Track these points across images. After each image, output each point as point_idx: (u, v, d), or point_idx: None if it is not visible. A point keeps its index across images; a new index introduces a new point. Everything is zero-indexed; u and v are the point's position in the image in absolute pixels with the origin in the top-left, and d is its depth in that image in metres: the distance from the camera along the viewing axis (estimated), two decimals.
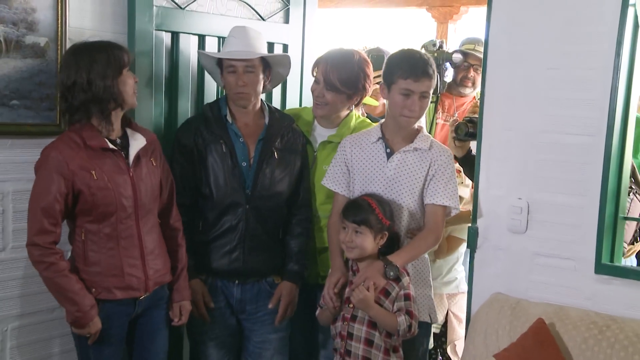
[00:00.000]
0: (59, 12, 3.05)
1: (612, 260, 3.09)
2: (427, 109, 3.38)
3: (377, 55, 3.75)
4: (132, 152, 2.98)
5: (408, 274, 3.10)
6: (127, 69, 2.90)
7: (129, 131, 3.03)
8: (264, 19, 3.89)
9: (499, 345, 3.12)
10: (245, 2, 3.73)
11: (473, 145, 3.64)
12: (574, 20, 3.12)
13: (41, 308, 3.19)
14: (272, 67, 3.46)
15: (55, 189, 2.84)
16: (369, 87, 3.55)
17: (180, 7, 3.54)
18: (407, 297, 3.04)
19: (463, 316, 3.95)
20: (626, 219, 3.13)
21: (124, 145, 2.99)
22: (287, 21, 4.06)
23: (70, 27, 3.09)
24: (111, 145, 2.91)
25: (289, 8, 4.05)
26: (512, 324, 3.15)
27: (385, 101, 3.28)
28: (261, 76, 3.38)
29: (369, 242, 3.04)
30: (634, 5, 2.81)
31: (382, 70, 3.30)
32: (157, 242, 3.12)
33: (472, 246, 3.38)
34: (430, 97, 3.30)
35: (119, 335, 3.05)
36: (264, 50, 3.42)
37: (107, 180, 2.91)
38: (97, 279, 2.92)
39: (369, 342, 3.08)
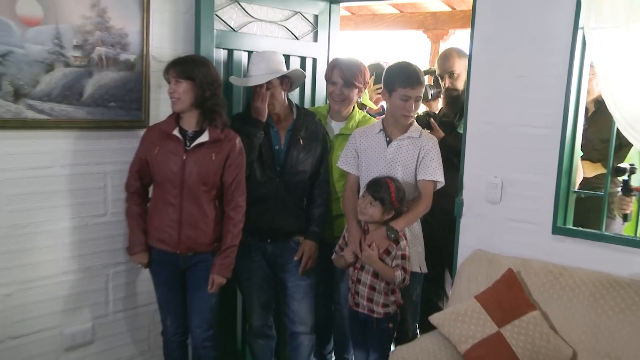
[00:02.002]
0: (144, 36, 3.52)
1: (564, 224, 3.48)
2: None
3: (377, 71, 4.18)
4: (193, 143, 3.38)
5: (405, 238, 3.50)
6: (168, 80, 3.37)
7: (208, 129, 3.40)
8: (298, 39, 4.25)
9: (478, 289, 3.49)
10: (284, 26, 4.13)
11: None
12: (537, 39, 3.46)
13: None
14: (289, 76, 3.79)
15: (138, 155, 3.45)
16: (367, 82, 4.03)
17: (234, 30, 3.92)
18: (403, 257, 3.46)
19: None
20: (575, 192, 3.52)
21: (194, 137, 3.39)
22: (315, 40, 4.44)
23: (153, 47, 3.57)
24: (174, 133, 3.37)
25: (317, 30, 4.39)
26: (489, 273, 3.54)
27: (383, 103, 3.69)
28: (279, 88, 3.74)
29: (377, 213, 3.45)
30: (582, 28, 3.15)
31: (383, 79, 3.71)
32: (199, 217, 3.45)
33: (458, 213, 3.76)
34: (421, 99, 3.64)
35: (168, 279, 3.54)
36: (277, 67, 3.77)
37: (162, 157, 3.38)
38: (150, 228, 3.45)
39: (372, 288, 3.53)
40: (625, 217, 3.63)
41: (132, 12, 3.43)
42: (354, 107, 4.05)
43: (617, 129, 3.21)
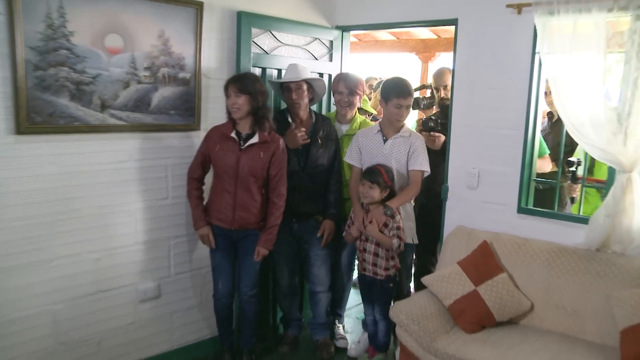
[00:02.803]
0: (197, 58, 3.89)
1: (527, 205, 3.91)
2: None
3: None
4: (246, 143, 3.75)
5: (399, 214, 3.92)
6: (227, 94, 3.69)
7: (258, 133, 3.75)
8: (317, 59, 4.68)
9: (460, 257, 3.91)
10: (306, 49, 4.56)
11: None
12: (504, 60, 3.86)
13: (189, 232, 4.07)
14: (314, 88, 4.18)
15: (201, 150, 3.84)
16: (365, 90, 4.44)
17: (267, 53, 4.32)
18: (398, 228, 3.88)
19: None
20: (535, 180, 3.93)
21: (247, 138, 3.76)
22: (331, 60, 4.82)
23: (203, 67, 3.94)
24: (232, 135, 3.74)
25: (332, 52, 4.77)
26: (468, 244, 3.95)
27: (382, 108, 4.10)
28: (306, 92, 4.13)
29: (377, 194, 3.89)
30: (538, 52, 3.59)
31: (380, 90, 4.11)
32: (249, 201, 3.79)
33: (444, 197, 4.19)
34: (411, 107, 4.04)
35: (224, 249, 3.91)
36: (306, 75, 4.14)
37: (222, 154, 3.75)
38: (210, 209, 3.86)
39: (376, 255, 3.98)
40: (572, 200, 4.02)
41: (188, 41, 3.81)
42: (355, 112, 4.46)
43: (566, 132, 3.57)
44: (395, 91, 3.99)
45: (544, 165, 4.24)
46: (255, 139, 3.76)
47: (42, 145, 3.33)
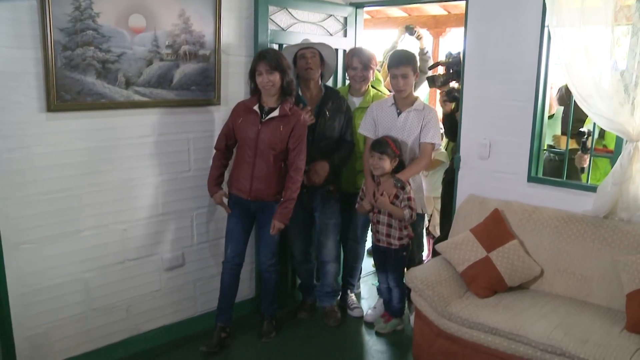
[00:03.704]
0: (217, 36, 3.97)
1: (536, 174, 3.95)
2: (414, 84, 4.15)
3: None
4: (267, 116, 3.82)
5: (409, 185, 3.99)
6: (257, 73, 3.74)
7: (279, 107, 3.80)
8: (332, 35, 4.75)
9: (472, 224, 3.95)
10: (321, 25, 4.62)
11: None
12: (514, 34, 3.87)
13: (211, 203, 4.15)
14: (325, 60, 4.21)
15: (227, 123, 3.94)
16: (377, 64, 4.48)
17: (283, 30, 4.40)
18: (409, 199, 3.96)
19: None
20: (545, 150, 3.98)
21: (269, 112, 3.82)
22: (345, 36, 4.87)
23: (223, 44, 4.01)
24: (254, 108, 3.81)
25: (346, 28, 4.85)
26: (480, 212, 3.99)
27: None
28: (319, 62, 4.17)
29: (387, 164, 3.95)
30: (547, 26, 3.61)
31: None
32: (267, 174, 3.84)
33: (457, 167, 4.23)
34: (412, 75, 4.05)
35: (239, 214, 3.98)
36: (320, 43, 4.22)
37: (243, 125, 3.83)
38: (231, 179, 3.96)
39: (389, 225, 4.06)
40: (582, 170, 4.08)
41: (208, 19, 3.90)
42: (368, 86, 4.51)
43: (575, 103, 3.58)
44: (389, 62, 4.10)
45: None
46: (275, 113, 3.82)
47: (70, 122, 3.46)
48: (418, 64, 4.22)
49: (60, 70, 3.32)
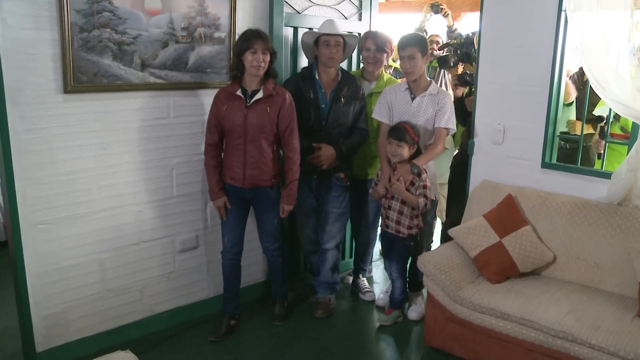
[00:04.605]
0: (232, 19, 3.96)
1: (550, 160, 3.95)
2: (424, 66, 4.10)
3: None
4: (251, 99, 3.72)
5: (426, 172, 3.94)
6: (250, 51, 3.59)
7: (262, 87, 3.72)
8: (347, 18, 4.70)
9: (485, 209, 3.97)
10: (336, 9, 4.59)
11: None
12: (530, 18, 3.84)
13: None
14: (346, 45, 4.15)
15: (212, 113, 3.80)
16: (393, 49, 4.46)
17: (298, 12, 4.38)
18: (424, 187, 3.92)
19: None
20: (558, 136, 3.96)
21: (252, 95, 3.72)
22: (360, 19, 4.84)
23: (238, 27, 3.98)
24: (237, 93, 3.70)
25: (361, 12, 4.81)
26: (493, 197, 4.00)
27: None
28: (342, 52, 4.12)
29: (405, 151, 3.91)
30: (564, 10, 3.58)
31: None
32: (259, 158, 3.77)
33: (470, 152, 4.24)
34: (420, 57, 3.99)
35: (236, 205, 3.91)
36: (344, 31, 4.17)
37: (228, 113, 3.73)
38: (224, 168, 3.86)
39: (401, 212, 4.03)
40: (599, 156, 4.05)
41: (223, 2, 3.89)
42: (382, 70, 4.48)
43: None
44: (397, 45, 4.09)
45: None
46: (259, 95, 3.75)
47: (87, 103, 3.47)
48: (428, 46, 4.17)
49: (77, 51, 3.33)
